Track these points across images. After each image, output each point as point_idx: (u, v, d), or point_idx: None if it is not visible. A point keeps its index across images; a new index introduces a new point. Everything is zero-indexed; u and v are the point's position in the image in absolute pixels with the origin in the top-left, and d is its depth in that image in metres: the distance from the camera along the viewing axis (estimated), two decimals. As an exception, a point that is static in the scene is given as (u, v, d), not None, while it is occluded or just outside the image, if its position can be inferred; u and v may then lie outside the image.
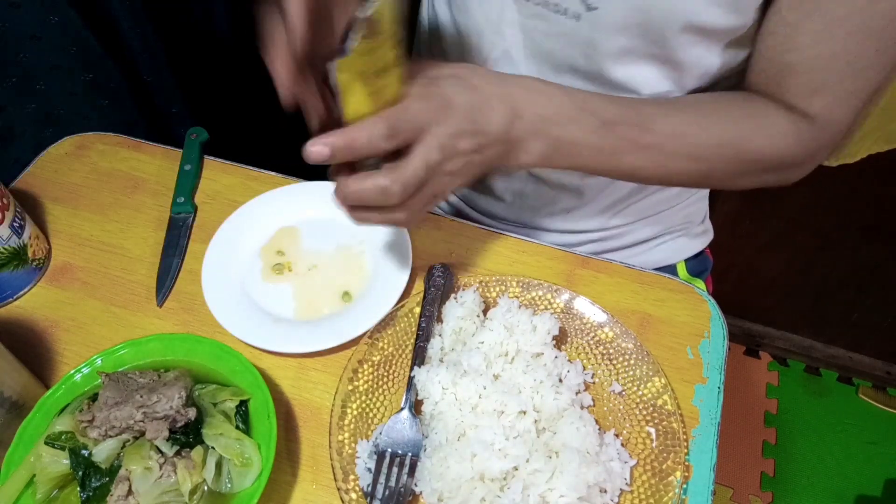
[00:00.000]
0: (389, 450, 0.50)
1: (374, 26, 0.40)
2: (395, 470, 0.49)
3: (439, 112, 0.44)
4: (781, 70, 0.53)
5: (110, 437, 0.46)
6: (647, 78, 0.58)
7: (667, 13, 0.52)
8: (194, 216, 0.69)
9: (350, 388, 0.54)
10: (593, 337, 0.58)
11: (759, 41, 0.54)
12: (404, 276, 0.60)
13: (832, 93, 0.52)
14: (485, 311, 0.59)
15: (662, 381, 0.54)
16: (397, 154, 0.45)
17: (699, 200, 0.79)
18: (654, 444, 0.52)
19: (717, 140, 0.54)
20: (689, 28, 0.53)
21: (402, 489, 0.48)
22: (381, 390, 0.55)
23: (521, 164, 0.51)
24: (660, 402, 0.53)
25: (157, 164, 0.74)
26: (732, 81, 0.60)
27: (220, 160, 0.74)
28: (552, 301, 0.60)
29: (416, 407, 0.53)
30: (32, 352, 0.58)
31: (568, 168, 0.54)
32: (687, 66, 0.57)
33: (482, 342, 0.55)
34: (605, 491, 0.49)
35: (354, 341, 0.57)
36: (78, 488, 0.46)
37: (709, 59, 0.57)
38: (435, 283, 0.59)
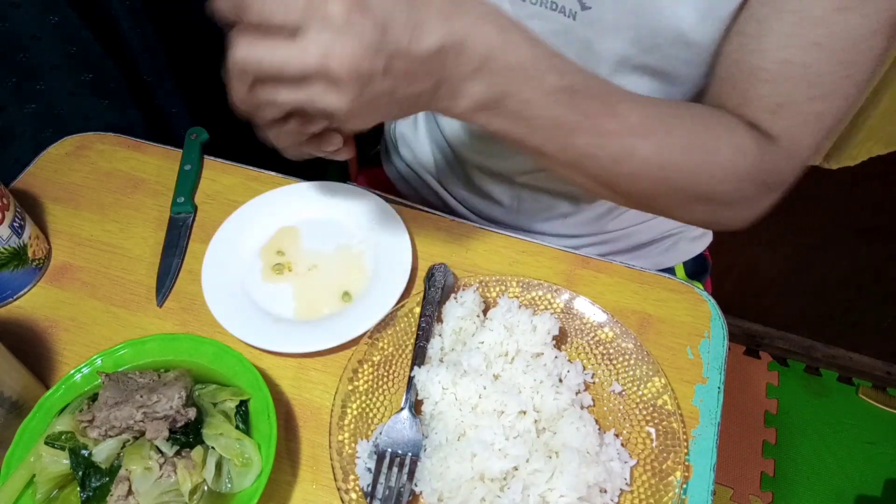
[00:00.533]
0: (389, 450, 0.50)
1: None
2: (395, 470, 0.49)
3: (354, 16, 0.35)
4: (747, 75, 0.49)
5: (110, 437, 0.46)
6: (640, 90, 0.58)
7: (656, 19, 0.51)
8: (194, 216, 0.69)
9: (350, 388, 0.54)
10: (593, 337, 0.58)
11: (726, 42, 0.50)
12: (404, 276, 0.60)
13: (797, 111, 0.48)
14: (485, 311, 0.59)
15: (662, 381, 0.54)
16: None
17: None
18: (654, 444, 0.52)
19: (684, 143, 0.48)
20: (680, 39, 0.52)
21: (402, 489, 0.48)
22: (381, 390, 0.55)
23: (455, 109, 0.42)
24: (660, 402, 0.53)
25: (157, 164, 0.74)
26: None
27: (220, 160, 0.74)
28: (552, 301, 0.60)
29: (416, 407, 0.53)
30: (32, 352, 0.58)
31: (509, 135, 0.45)
32: (681, 82, 0.56)
33: (482, 342, 0.55)
34: (605, 491, 0.49)
35: (354, 341, 0.57)
36: (78, 488, 0.46)
37: (704, 78, 0.56)
38: (435, 283, 0.59)
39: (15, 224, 0.59)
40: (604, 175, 0.49)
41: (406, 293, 0.60)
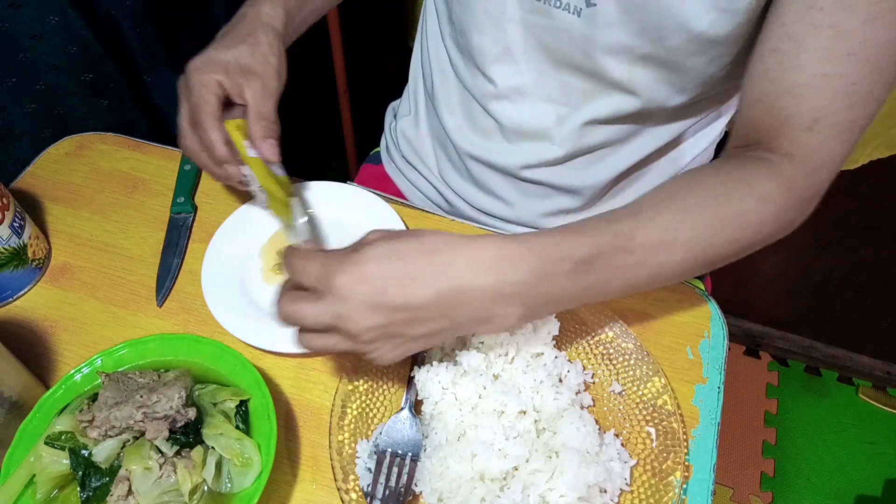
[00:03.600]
0: (389, 450, 0.50)
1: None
2: (395, 470, 0.49)
3: (341, 280, 0.42)
4: (784, 93, 0.49)
5: (110, 437, 0.46)
6: (645, 79, 0.58)
7: (662, 13, 0.52)
8: (194, 216, 0.69)
9: (350, 388, 0.54)
10: (593, 337, 0.58)
11: (759, 62, 0.51)
12: (404, 276, 0.60)
13: (832, 123, 0.49)
14: (485, 311, 0.59)
15: (662, 381, 0.54)
16: None
17: None
18: (654, 444, 0.52)
19: (709, 228, 0.49)
20: (686, 32, 0.52)
21: (402, 489, 0.48)
22: (381, 390, 0.55)
23: (505, 328, 0.49)
24: (660, 402, 0.53)
25: (157, 164, 0.74)
26: (733, 91, 0.59)
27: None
28: (552, 301, 0.60)
29: (416, 407, 0.53)
30: (32, 352, 0.58)
31: (561, 311, 0.52)
32: (685, 71, 0.57)
33: (482, 342, 0.55)
34: (605, 491, 0.49)
35: (354, 341, 0.57)
36: (78, 488, 0.46)
37: (709, 69, 0.57)
38: (435, 283, 0.59)
39: (15, 224, 0.59)
40: (650, 286, 0.50)
41: (406, 293, 0.60)
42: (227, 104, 0.58)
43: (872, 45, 0.46)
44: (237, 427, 0.48)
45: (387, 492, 0.48)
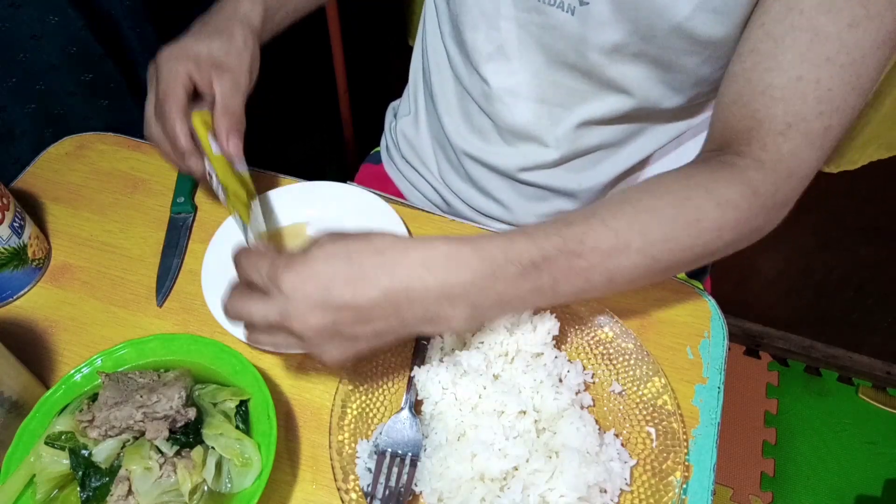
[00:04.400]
0: (389, 450, 0.50)
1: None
2: (395, 470, 0.49)
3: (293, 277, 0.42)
4: (759, 94, 0.49)
5: (110, 437, 0.46)
6: (638, 78, 0.58)
7: (654, 12, 0.52)
8: (194, 216, 0.69)
9: (350, 388, 0.54)
10: (593, 337, 0.58)
11: (737, 62, 0.51)
12: (404, 276, 0.60)
13: (805, 129, 0.48)
14: (485, 311, 0.59)
15: (662, 381, 0.54)
16: None
17: None
18: (654, 444, 0.52)
19: (664, 231, 0.48)
20: (679, 32, 0.52)
21: (402, 489, 0.48)
22: (381, 390, 0.55)
23: (453, 328, 0.49)
24: (660, 402, 0.53)
25: (157, 164, 0.74)
26: None
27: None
28: (552, 301, 0.60)
29: (416, 407, 0.53)
30: (32, 352, 0.58)
31: (502, 315, 0.52)
32: (679, 70, 0.57)
33: (482, 342, 0.55)
34: (605, 491, 0.49)
35: (354, 341, 0.57)
36: (78, 488, 0.46)
37: (703, 70, 0.57)
38: (435, 283, 0.59)
39: (15, 224, 0.59)
40: (604, 291, 0.50)
41: (406, 293, 0.60)
42: (196, 96, 0.57)
43: (850, 52, 0.46)
44: (237, 427, 0.48)
45: (387, 492, 0.48)
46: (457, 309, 0.44)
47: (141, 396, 0.46)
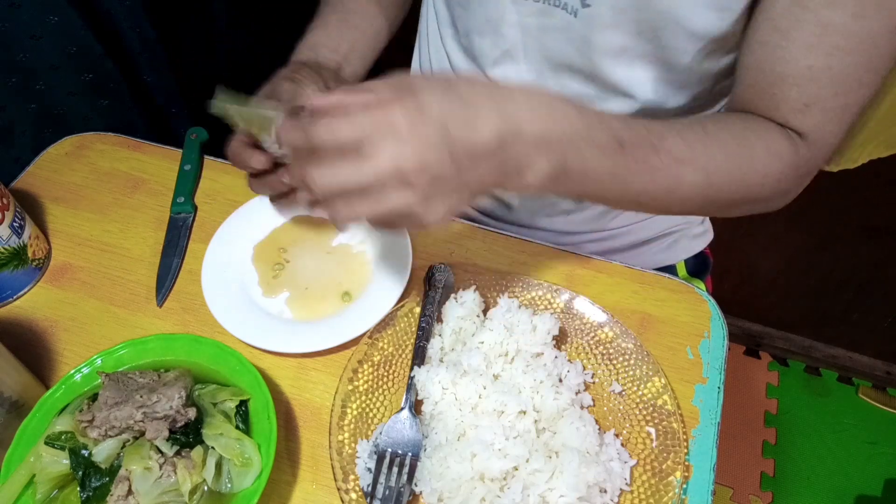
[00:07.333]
0: (389, 450, 0.50)
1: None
2: (395, 470, 0.49)
3: (403, 119, 0.38)
4: (773, 82, 0.51)
5: (110, 437, 0.46)
6: (642, 80, 0.58)
7: (657, 11, 0.52)
8: (194, 216, 0.69)
9: (350, 388, 0.54)
10: (593, 337, 0.58)
11: (748, 53, 0.52)
12: (404, 276, 0.60)
13: (825, 107, 0.51)
14: (485, 311, 0.59)
15: (662, 381, 0.54)
16: None
17: None
18: (654, 444, 0.52)
19: (725, 160, 0.51)
20: (681, 29, 0.53)
21: (402, 489, 0.48)
22: (381, 390, 0.55)
23: (526, 185, 0.45)
24: (660, 402, 0.53)
25: (157, 164, 0.74)
26: (730, 88, 0.59)
27: (220, 160, 0.74)
28: (552, 301, 0.60)
29: (416, 407, 0.53)
30: (32, 352, 0.58)
31: (575, 193, 0.49)
32: (682, 70, 0.57)
33: (482, 342, 0.55)
34: (605, 491, 0.49)
35: (354, 341, 0.57)
36: (78, 488, 0.46)
37: (705, 66, 0.57)
38: (435, 283, 0.59)
39: (15, 224, 0.59)
40: (658, 205, 0.52)
41: (406, 293, 0.60)
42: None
43: (859, 39, 0.47)
44: (237, 427, 0.48)
45: (387, 492, 0.48)
46: (547, 160, 0.43)
47: (141, 396, 0.46)
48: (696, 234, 0.82)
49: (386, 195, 0.39)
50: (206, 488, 0.46)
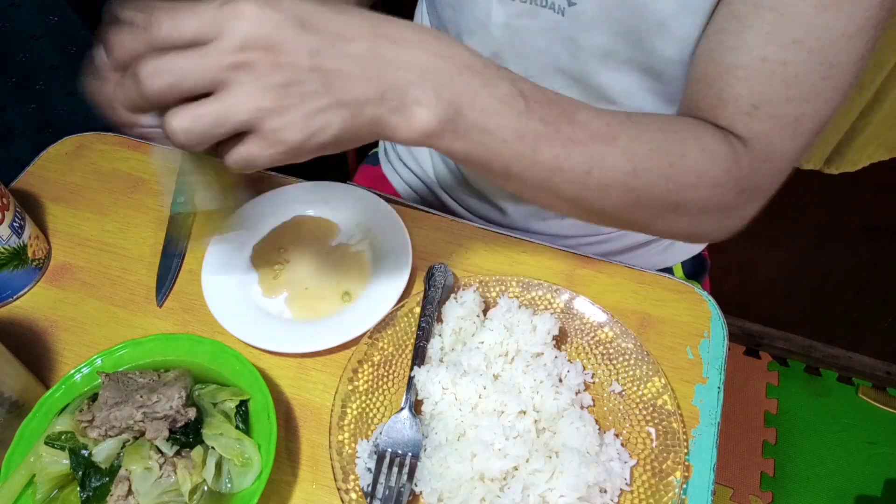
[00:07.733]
0: (389, 450, 0.50)
1: None
2: (395, 470, 0.49)
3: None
4: (723, 74, 0.48)
5: (110, 437, 0.46)
6: (631, 88, 0.58)
7: (638, 10, 0.51)
8: (194, 216, 0.69)
9: (350, 388, 0.54)
10: (593, 337, 0.58)
11: (705, 41, 0.49)
12: (404, 276, 0.60)
13: (774, 113, 0.47)
14: (485, 311, 0.59)
15: (662, 381, 0.54)
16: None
17: None
18: (654, 444, 0.52)
19: (651, 150, 0.46)
20: (666, 32, 0.52)
21: (402, 489, 0.48)
22: (381, 390, 0.55)
23: (415, 128, 0.39)
24: (660, 402, 0.53)
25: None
26: None
27: (220, 160, 0.74)
28: (552, 301, 0.60)
29: (416, 407, 0.53)
30: (32, 352, 0.58)
31: (475, 156, 0.42)
32: (671, 81, 0.56)
33: (482, 342, 0.55)
34: (605, 491, 0.49)
35: (354, 341, 0.57)
36: (78, 488, 0.46)
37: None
38: (435, 283, 0.59)
39: (15, 224, 0.59)
40: (574, 190, 0.46)
41: (406, 293, 0.60)
42: None
43: (820, 37, 0.44)
44: (237, 427, 0.48)
45: (387, 492, 0.48)
46: (435, 94, 0.38)
47: (141, 396, 0.46)
48: (695, 236, 0.82)
49: (231, 91, 0.34)
50: (206, 488, 0.46)
